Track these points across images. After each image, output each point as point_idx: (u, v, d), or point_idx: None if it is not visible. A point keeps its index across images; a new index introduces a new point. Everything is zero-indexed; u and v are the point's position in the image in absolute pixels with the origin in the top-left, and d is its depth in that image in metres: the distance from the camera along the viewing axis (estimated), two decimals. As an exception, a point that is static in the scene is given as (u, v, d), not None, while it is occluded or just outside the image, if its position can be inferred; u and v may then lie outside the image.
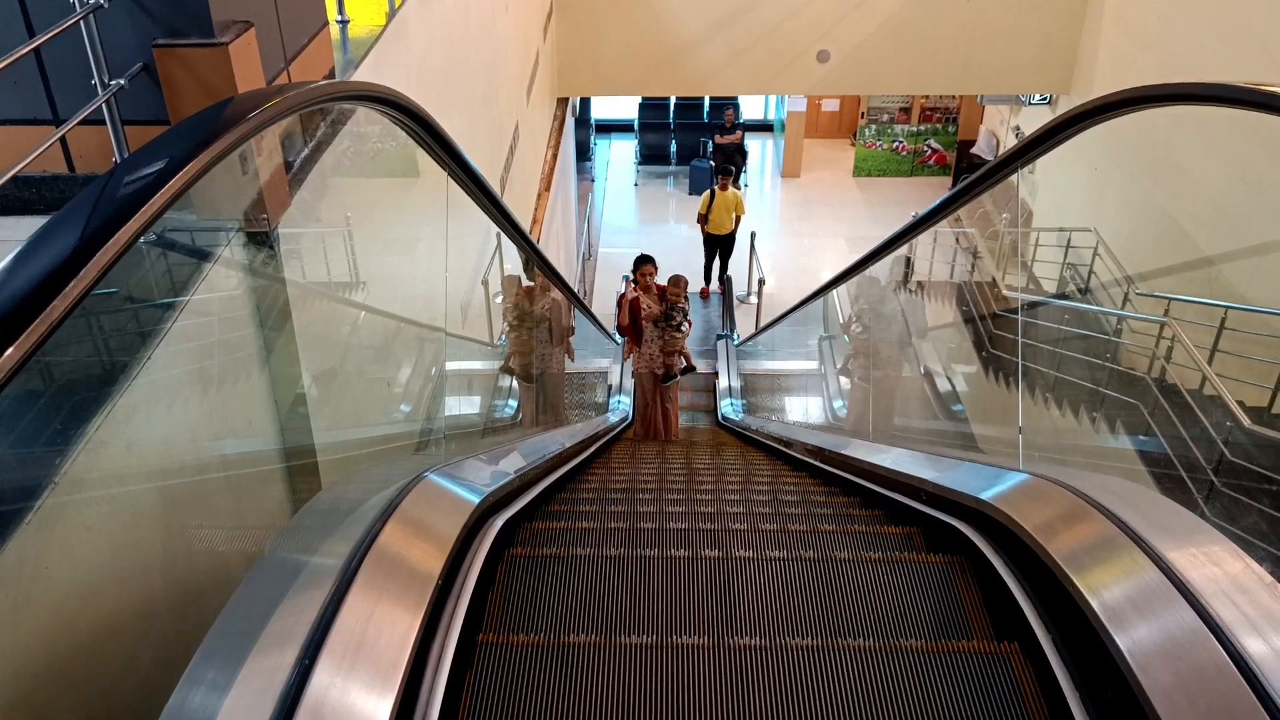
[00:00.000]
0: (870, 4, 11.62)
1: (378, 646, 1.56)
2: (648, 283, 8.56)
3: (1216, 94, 1.93)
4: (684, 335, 8.67)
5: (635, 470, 6.10)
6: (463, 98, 6.23)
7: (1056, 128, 2.73)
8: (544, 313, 7.00)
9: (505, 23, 8.11)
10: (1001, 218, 4.32)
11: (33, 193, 2.54)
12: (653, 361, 8.76)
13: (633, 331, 8.62)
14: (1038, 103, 13.05)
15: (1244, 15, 7.92)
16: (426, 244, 3.76)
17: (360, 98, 2.33)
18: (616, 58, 12.16)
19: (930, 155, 17.84)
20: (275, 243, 2.57)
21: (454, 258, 3.50)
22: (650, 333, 8.60)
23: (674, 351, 8.69)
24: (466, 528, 2.32)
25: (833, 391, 7.97)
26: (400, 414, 3.87)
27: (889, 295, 5.68)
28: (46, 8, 2.44)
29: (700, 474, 5.92)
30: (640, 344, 8.70)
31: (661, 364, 8.73)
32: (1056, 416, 4.76)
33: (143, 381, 1.93)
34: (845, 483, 4.40)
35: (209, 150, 1.31)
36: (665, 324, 8.49)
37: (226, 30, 2.50)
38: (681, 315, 8.52)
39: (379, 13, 4.37)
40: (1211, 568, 1.63)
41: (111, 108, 2.40)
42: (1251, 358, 4.03)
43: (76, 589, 1.73)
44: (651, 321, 8.54)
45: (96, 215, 1.14)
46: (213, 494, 2.31)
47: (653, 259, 8.61)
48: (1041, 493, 2.33)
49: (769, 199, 17.83)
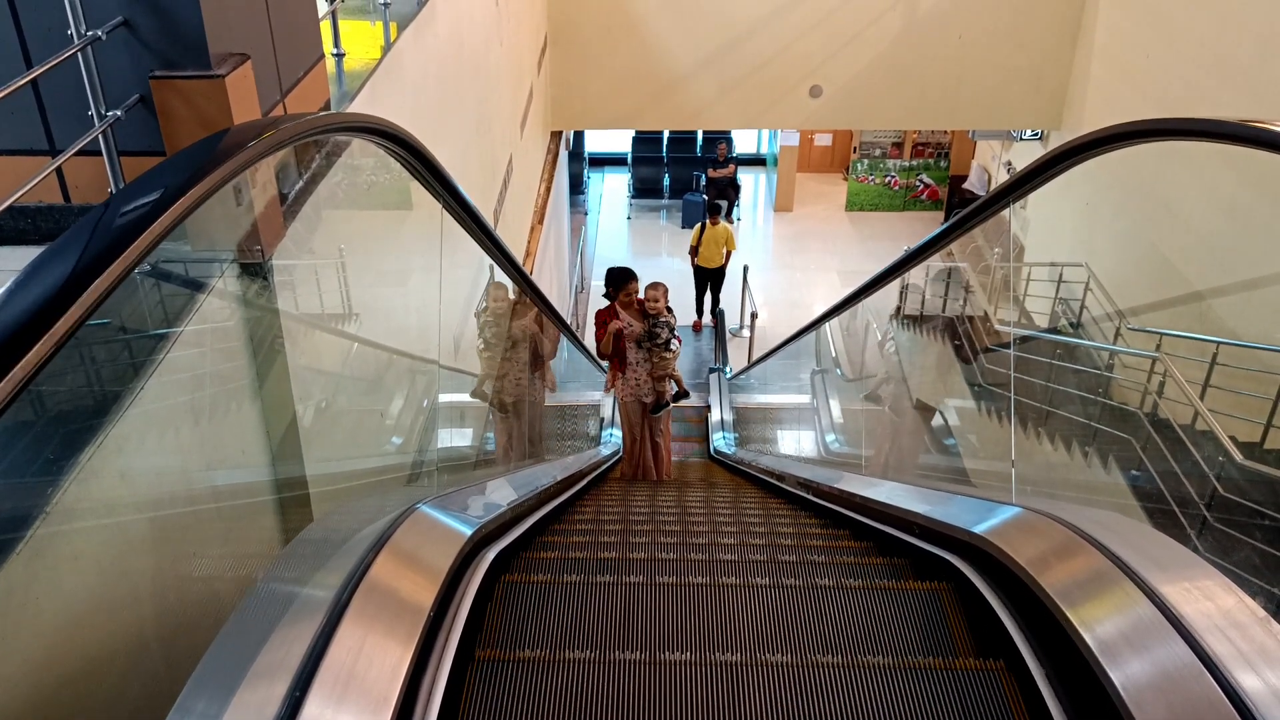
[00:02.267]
0: (861, 39, 11.73)
1: (369, 678, 1.55)
2: (631, 302, 7.31)
3: (1204, 129, 1.95)
4: (674, 356, 7.49)
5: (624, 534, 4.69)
6: (456, 130, 6.26)
7: (1047, 163, 2.76)
8: (524, 331, 6.20)
9: (499, 56, 8.16)
10: (994, 252, 4.35)
11: (28, 223, 2.54)
12: (639, 388, 7.59)
13: (617, 359, 7.46)
14: (1029, 138, 13.16)
15: (1230, 51, 8.01)
16: (420, 276, 3.77)
17: (356, 129, 2.35)
18: (610, 91, 12.24)
19: (922, 190, 17.96)
20: (269, 274, 2.57)
21: (447, 290, 3.51)
22: (634, 355, 7.43)
23: (664, 375, 7.52)
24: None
25: (824, 425, 7.97)
26: (391, 446, 3.86)
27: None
28: (44, 39, 2.45)
29: (696, 529, 5.02)
30: (624, 369, 7.51)
31: (650, 390, 7.57)
32: (1076, 457, 4.76)
33: (135, 412, 1.92)
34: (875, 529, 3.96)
35: (204, 183, 1.32)
36: (650, 343, 7.33)
37: (223, 63, 2.51)
38: (668, 330, 7.32)
39: (374, 46, 4.40)
40: (1205, 602, 1.62)
41: (108, 138, 2.41)
42: (1243, 393, 4.04)
43: (66, 619, 1.71)
44: (635, 342, 7.36)
45: (91, 246, 1.14)
46: (204, 524, 2.30)
47: (634, 274, 7.30)
48: (1033, 527, 2.32)
49: (762, 233, 17.91)
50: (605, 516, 5.20)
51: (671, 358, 7.40)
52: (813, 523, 4.63)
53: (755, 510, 5.51)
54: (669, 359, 7.40)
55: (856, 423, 7.32)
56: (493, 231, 3.90)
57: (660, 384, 7.52)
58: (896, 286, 5.66)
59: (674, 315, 7.37)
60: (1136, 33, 9.85)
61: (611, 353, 7.31)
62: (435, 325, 3.51)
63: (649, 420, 7.80)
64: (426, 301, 3.55)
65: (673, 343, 7.36)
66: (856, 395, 7.21)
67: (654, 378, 7.49)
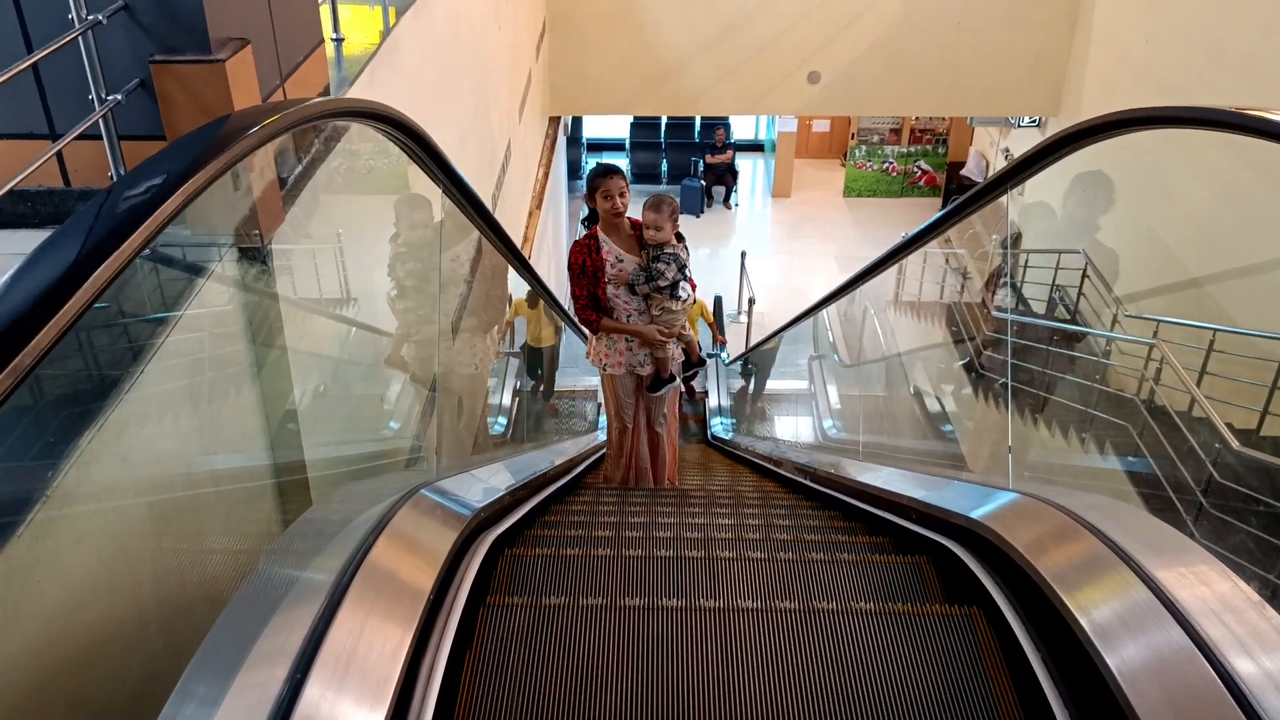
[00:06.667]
0: (859, 25, 11.71)
1: (369, 660, 1.56)
2: (615, 208, 4.78)
3: (1202, 117, 1.95)
4: (686, 306, 4.99)
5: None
6: (455, 115, 6.25)
7: (1044, 150, 2.76)
8: (461, 266, 4.09)
9: (497, 41, 8.14)
10: (991, 239, 4.35)
11: (28, 207, 2.55)
12: (632, 354, 5.14)
13: (593, 308, 4.90)
14: (1027, 125, 13.15)
15: (1230, 37, 8.00)
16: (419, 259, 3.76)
17: (359, 115, 2.35)
18: (608, 76, 12.23)
19: (920, 176, 17.96)
20: (268, 258, 2.58)
21: (446, 272, 3.50)
22: (627, 305, 4.93)
23: (668, 337, 5.03)
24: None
25: (822, 410, 7.98)
26: (390, 430, 3.86)
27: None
28: (45, 23, 2.45)
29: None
30: (604, 320, 4.95)
31: (648, 358, 5.15)
32: (1074, 443, 4.77)
33: (134, 396, 1.93)
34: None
35: (206, 170, 1.32)
36: (650, 285, 4.82)
37: (223, 47, 2.51)
38: (675, 268, 4.82)
39: (373, 30, 4.40)
40: (1200, 587, 1.64)
41: (108, 123, 2.41)
42: (1240, 380, 4.05)
43: (67, 602, 1.73)
44: (626, 285, 4.90)
45: (95, 231, 1.14)
46: (203, 508, 2.31)
47: (619, 170, 4.92)
48: (1030, 511, 2.34)
49: (759, 218, 17.90)
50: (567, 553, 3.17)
51: (680, 309, 4.96)
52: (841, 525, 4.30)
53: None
54: (676, 311, 4.96)
55: (855, 408, 7.33)
56: (491, 215, 3.90)
57: (662, 349, 5.08)
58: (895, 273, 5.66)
59: (686, 247, 4.98)
60: (1135, 18, 9.84)
61: (586, 300, 4.90)
62: (434, 310, 3.50)
63: (646, 402, 5.41)
64: (425, 285, 3.55)
65: (683, 287, 4.90)
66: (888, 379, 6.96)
67: (651, 341, 5.04)
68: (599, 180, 4.83)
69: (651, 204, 4.87)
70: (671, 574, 2.65)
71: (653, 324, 4.96)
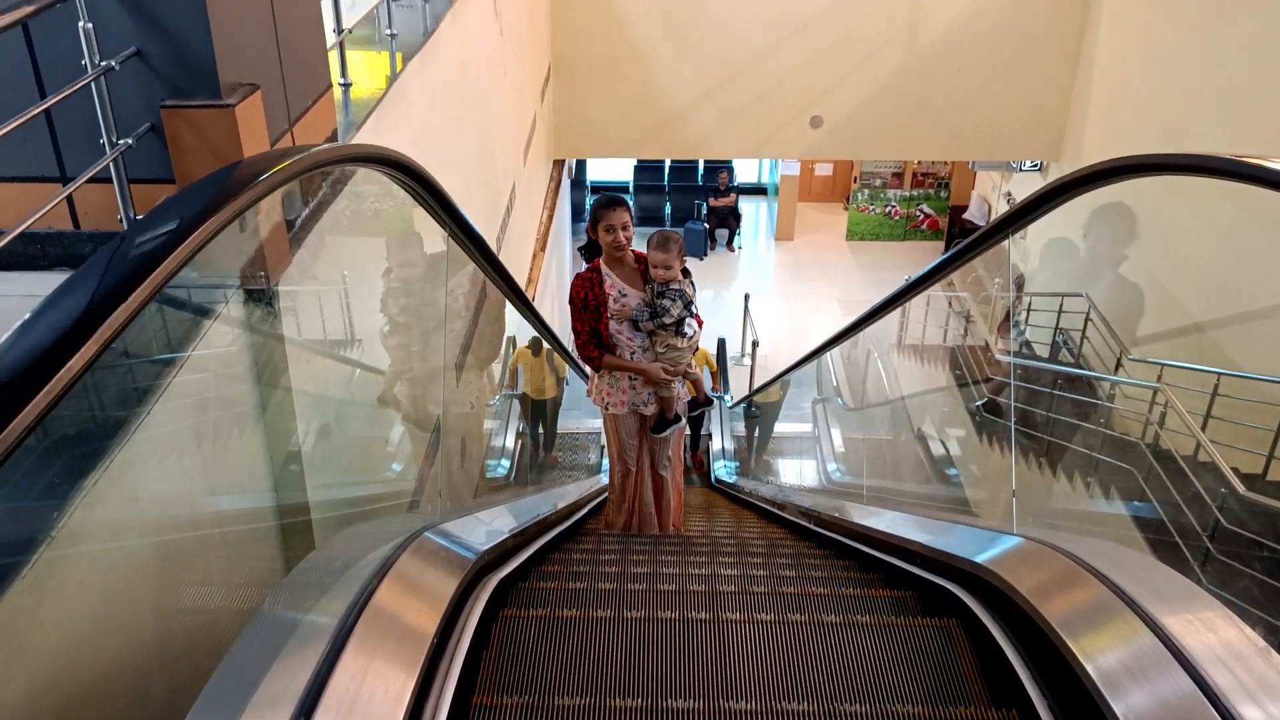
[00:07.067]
0: (861, 70, 11.82)
1: (372, 704, 1.55)
2: (617, 242, 4.69)
3: (1201, 165, 1.97)
4: (692, 343, 4.84)
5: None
6: (460, 158, 6.31)
7: (1044, 196, 2.78)
8: (455, 301, 3.67)
9: (503, 86, 8.23)
10: (994, 283, 4.37)
11: (37, 249, 2.57)
12: (635, 393, 4.94)
13: (594, 344, 4.77)
14: (1029, 169, 13.23)
15: (1230, 82, 8.07)
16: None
17: (365, 159, 2.37)
18: (612, 120, 12.33)
19: (923, 220, 18.04)
20: (274, 299, 2.59)
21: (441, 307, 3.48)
22: (630, 341, 4.79)
23: (673, 375, 4.85)
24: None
25: (826, 454, 7.96)
26: (393, 473, 3.85)
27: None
28: (58, 68, 2.48)
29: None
30: (605, 358, 4.80)
31: (651, 397, 4.96)
32: (1078, 488, 4.76)
33: (140, 437, 1.94)
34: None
35: (214, 219, 1.34)
36: (654, 322, 4.67)
37: (233, 92, 2.54)
38: (681, 302, 4.67)
39: (381, 76, 4.45)
40: (1207, 634, 1.63)
41: (119, 166, 2.43)
42: (1245, 424, 4.04)
43: (70, 643, 1.72)
44: (629, 321, 4.74)
45: (107, 279, 1.16)
46: (207, 550, 2.30)
47: (623, 201, 4.80)
48: (1034, 556, 2.33)
49: (763, 261, 17.97)
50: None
51: (686, 347, 4.79)
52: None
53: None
54: (682, 349, 4.78)
55: (858, 451, 7.31)
56: (496, 258, 3.92)
57: (667, 388, 4.89)
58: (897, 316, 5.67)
59: (692, 283, 4.80)
60: (1135, 64, 9.93)
61: (589, 336, 4.74)
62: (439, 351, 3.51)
63: (650, 443, 5.19)
64: (429, 327, 3.56)
65: (689, 324, 4.74)
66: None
67: (655, 379, 4.86)
68: (601, 212, 4.69)
69: (658, 242, 4.70)
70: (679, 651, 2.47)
71: (657, 361, 4.80)
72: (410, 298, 3.58)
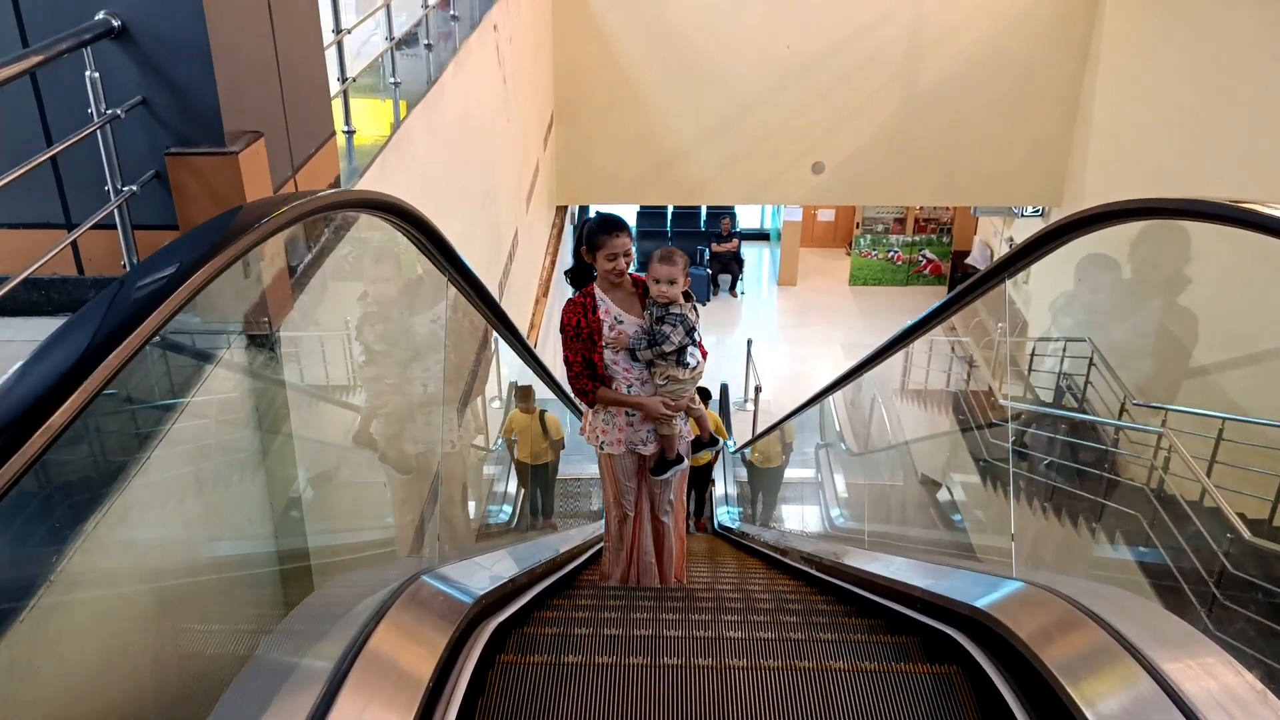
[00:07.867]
0: (861, 115, 11.92)
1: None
2: (619, 269, 4.17)
3: (1193, 209, 1.98)
4: (695, 375, 4.29)
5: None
6: (463, 205, 6.35)
7: (1042, 239, 2.80)
8: (432, 331, 3.38)
9: (505, 133, 8.30)
10: (997, 327, 4.37)
11: (41, 295, 2.58)
12: (634, 430, 4.38)
13: (588, 376, 4.22)
14: (1030, 214, 13.29)
15: (1225, 126, 8.12)
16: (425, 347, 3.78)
17: (366, 205, 2.39)
18: (614, 166, 12.43)
19: (925, 265, 18.10)
20: (276, 345, 2.60)
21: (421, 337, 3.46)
22: (627, 373, 4.23)
23: (674, 411, 4.29)
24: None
25: (829, 499, 7.93)
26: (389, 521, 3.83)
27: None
28: (65, 116, 2.51)
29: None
30: (600, 390, 4.25)
31: (651, 435, 4.40)
32: (1083, 533, 4.74)
33: (139, 483, 1.94)
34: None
35: (215, 261, 1.35)
36: (653, 351, 4.13)
37: (237, 140, 2.57)
38: (683, 329, 4.13)
39: (385, 123, 4.49)
40: (1205, 678, 1.62)
41: (123, 213, 2.45)
42: (1250, 469, 4.03)
43: (67, 690, 1.71)
44: (626, 350, 4.20)
45: (106, 322, 1.16)
46: (205, 595, 2.29)
47: (624, 224, 4.21)
48: (1035, 601, 2.31)
49: (766, 306, 18.01)
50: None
51: (689, 379, 4.26)
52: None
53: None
54: (684, 381, 4.24)
55: (862, 496, 7.28)
56: (498, 304, 3.94)
57: (668, 425, 4.36)
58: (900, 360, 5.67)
59: (695, 307, 4.30)
60: (1133, 109, 10.00)
61: (582, 368, 4.23)
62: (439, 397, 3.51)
63: (649, 486, 4.65)
64: (432, 374, 3.56)
65: (691, 353, 4.21)
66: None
67: (656, 415, 4.30)
68: (601, 237, 4.10)
69: (664, 255, 4.18)
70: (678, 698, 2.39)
71: (657, 395, 4.24)
72: (387, 324, 3.30)
